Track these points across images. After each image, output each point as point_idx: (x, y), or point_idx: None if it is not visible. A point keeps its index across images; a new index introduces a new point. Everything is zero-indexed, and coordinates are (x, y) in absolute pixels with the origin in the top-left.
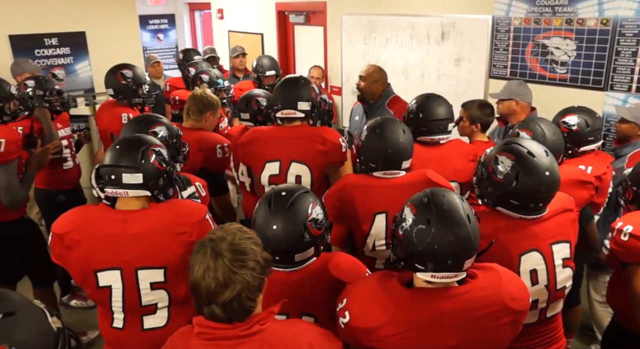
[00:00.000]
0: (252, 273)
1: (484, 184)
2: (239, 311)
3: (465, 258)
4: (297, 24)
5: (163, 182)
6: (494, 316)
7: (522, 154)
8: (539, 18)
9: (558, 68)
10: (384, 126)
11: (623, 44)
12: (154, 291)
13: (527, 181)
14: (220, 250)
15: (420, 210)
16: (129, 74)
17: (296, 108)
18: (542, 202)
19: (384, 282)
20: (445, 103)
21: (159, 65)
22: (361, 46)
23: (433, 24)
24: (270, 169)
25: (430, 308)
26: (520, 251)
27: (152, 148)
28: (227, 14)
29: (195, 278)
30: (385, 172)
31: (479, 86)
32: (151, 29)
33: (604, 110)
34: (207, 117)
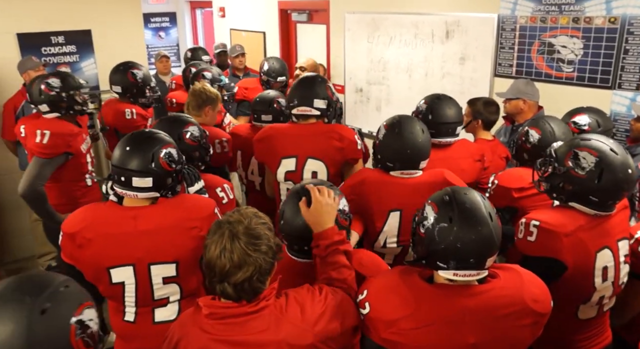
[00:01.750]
0: (265, 257)
1: (557, 179)
2: (249, 292)
3: (487, 256)
4: (299, 22)
5: (172, 181)
6: (515, 316)
7: (606, 151)
8: (545, 16)
9: (565, 67)
10: (403, 125)
11: (632, 43)
12: (167, 285)
13: (611, 178)
14: (237, 232)
15: (442, 208)
16: (139, 74)
17: (312, 105)
18: (619, 200)
19: (405, 276)
20: (455, 105)
21: (168, 61)
22: (364, 45)
23: (437, 23)
24: (287, 166)
25: (452, 304)
26: (597, 249)
27: (163, 149)
28: (229, 12)
29: (211, 257)
30: (403, 172)
31: (484, 85)
32: (153, 27)
33: (612, 108)
34: (207, 112)
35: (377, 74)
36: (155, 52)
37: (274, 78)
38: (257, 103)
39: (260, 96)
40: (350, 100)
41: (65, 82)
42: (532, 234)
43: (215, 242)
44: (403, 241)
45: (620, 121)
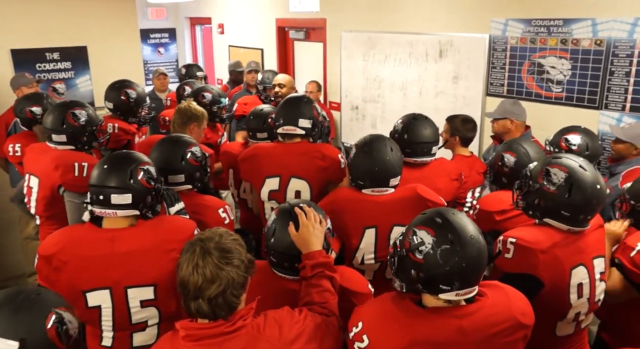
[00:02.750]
0: (237, 271)
1: (532, 196)
2: (224, 307)
3: (483, 271)
4: (296, 39)
5: (151, 200)
6: (507, 332)
7: (574, 167)
8: (535, 38)
9: (554, 87)
10: (371, 144)
11: (617, 64)
12: (145, 308)
13: (580, 193)
14: (208, 248)
15: (438, 231)
16: (132, 94)
17: (297, 125)
18: (590, 215)
19: (397, 302)
20: (431, 126)
21: (165, 79)
22: (360, 63)
23: (431, 42)
24: (270, 185)
25: (448, 327)
26: (572, 265)
27: (141, 167)
28: (228, 29)
29: (184, 275)
30: (373, 190)
31: (476, 103)
32: (152, 43)
33: (599, 128)
34: (192, 129)
35: (372, 91)
36: (154, 68)
37: (268, 84)
38: (251, 120)
39: (253, 113)
40: (346, 117)
41: (91, 116)
42: (510, 251)
43: (187, 260)
44: (380, 257)
45: (607, 140)
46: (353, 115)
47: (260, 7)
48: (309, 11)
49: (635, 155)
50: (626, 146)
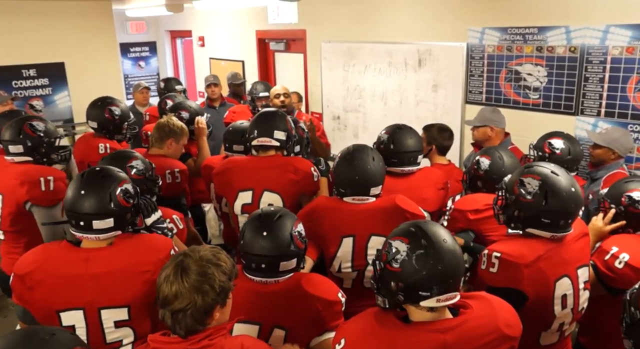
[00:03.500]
0: (204, 296)
1: (510, 209)
2: (182, 325)
3: (461, 275)
4: (277, 51)
5: (131, 216)
6: (493, 344)
7: (547, 174)
8: (511, 45)
9: (531, 93)
10: (354, 153)
11: (591, 71)
12: (119, 328)
13: (556, 198)
14: (185, 266)
15: (412, 238)
16: (116, 111)
17: (272, 136)
18: (570, 218)
19: (380, 318)
20: (415, 135)
21: (148, 92)
22: (340, 73)
23: (410, 51)
24: (243, 199)
25: (431, 342)
26: (555, 277)
27: (119, 187)
28: (208, 41)
29: (159, 282)
30: (354, 198)
31: (456, 111)
32: (132, 57)
33: (576, 133)
34: (169, 145)
35: (353, 101)
36: (135, 81)
37: (256, 94)
38: (229, 132)
39: (232, 125)
40: (328, 127)
41: (49, 129)
42: (494, 266)
43: (166, 268)
44: (358, 265)
45: (584, 146)
46: (335, 125)
47: (240, 19)
48: (288, 23)
49: (613, 159)
50: (604, 150)
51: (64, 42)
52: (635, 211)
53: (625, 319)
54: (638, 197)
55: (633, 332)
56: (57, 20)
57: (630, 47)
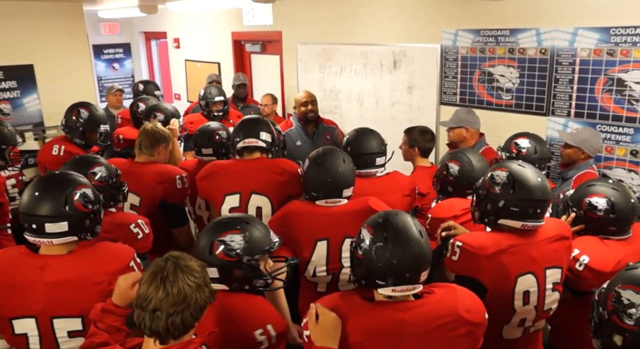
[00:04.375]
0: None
1: (483, 203)
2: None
3: (421, 271)
4: (253, 53)
5: (90, 223)
6: (450, 326)
7: (514, 166)
8: (484, 47)
9: (503, 94)
10: (324, 156)
11: (561, 72)
12: (73, 338)
13: (523, 186)
14: (180, 265)
15: (376, 229)
16: (84, 114)
17: (258, 137)
18: (539, 208)
19: (345, 296)
20: (375, 138)
21: (121, 95)
22: (317, 75)
23: (385, 53)
24: (230, 202)
25: (389, 318)
26: (518, 273)
27: (76, 190)
28: (184, 43)
29: (147, 288)
30: (327, 201)
31: (431, 112)
32: (106, 59)
33: (547, 134)
34: (160, 151)
35: (329, 103)
36: (109, 84)
37: (210, 100)
38: (197, 136)
39: (200, 128)
40: None
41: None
42: (456, 254)
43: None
44: (332, 269)
45: (555, 146)
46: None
47: (215, 20)
48: (263, 24)
49: (583, 159)
50: (574, 150)
51: (33, 44)
52: (594, 216)
53: (593, 319)
54: (597, 203)
55: (601, 332)
56: (25, 21)
57: (597, 49)
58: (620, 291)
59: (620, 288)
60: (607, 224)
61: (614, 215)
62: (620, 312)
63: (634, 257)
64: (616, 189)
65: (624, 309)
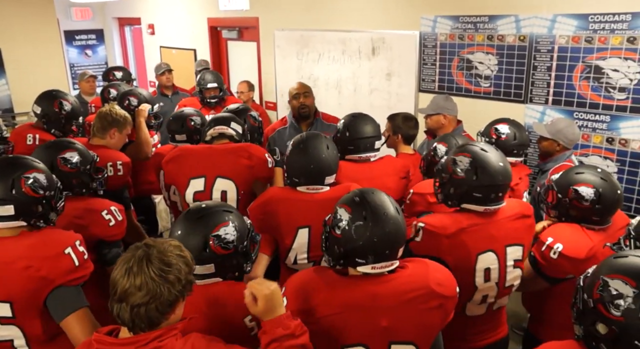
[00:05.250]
0: (170, 288)
1: (446, 187)
2: (144, 319)
3: (399, 247)
4: (230, 39)
5: (42, 209)
6: (421, 299)
7: (476, 151)
8: (463, 34)
9: (482, 82)
10: (307, 142)
11: (539, 59)
12: (4, 326)
13: (486, 173)
14: (149, 256)
15: (354, 208)
16: (67, 106)
17: (229, 126)
18: (501, 192)
19: (320, 271)
20: (371, 121)
21: (94, 81)
22: (294, 61)
23: (364, 40)
24: (195, 186)
25: (363, 291)
26: (479, 251)
27: (26, 175)
28: (158, 29)
29: (115, 275)
30: (308, 187)
31: (410, 100)
32: (78, 45)
33: (526, 121)
34: (112, 134)
35: None
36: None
37: (204, 86)
38: (171, 122)
39: (173, 114)
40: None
41: None
42: (419, 235)
43: (124, 261)
44: (314, 256)
45: (533, 133)
46: None
47: (190, 5)
48: (239, 9)
49: (559, 151)
50: (550, 142)
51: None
52: (578, 205)
53: (576, 305)
54: (583, 193)
55: (584, 319)
56: None
57: (575, 37)
58: (607, 280)
59: (608, 276)
60: (591, 214)
61: (600, 206)
62: (607, 302)
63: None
64: (604, 179)
65: (611, 300)
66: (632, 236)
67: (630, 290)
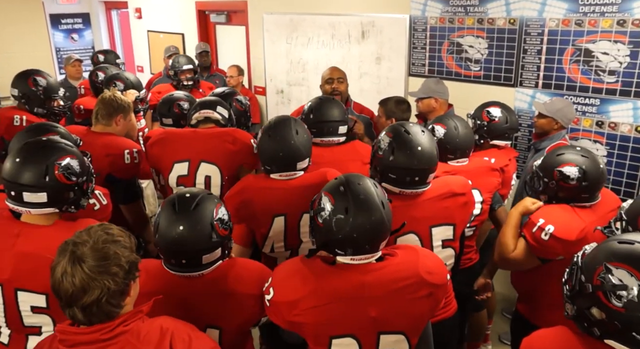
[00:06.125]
0: (115, 278)
1: (372, 163)
2: (100, 315)
3: (381, 241)
4: (218, 23)
5: (73, 195)
6: (411, 288)
7: (399, 132)
8: (453, 17)
9: (472, 65)
10: (275, 128)
11: (529, 43)
12: (36, 314)
13: (401, 155)
14: (81, 255)
15: (338, 200)
16: (42, 82)
17: (215, 110)
18: (417, 176)
19: (307, 261)
20: (338, 106)
21: (80, 65)
22: (283, 46)
23: (353, 23)
24: (178, 170)
25: (351, 281)
26: (396, 235)
27: (59, 162)
28: (146, 13)
29: (54, 281)
30: (281, 174)
31: (400, 84)
32: (64, 29)
33: (515, 105)
34: (118, 121)
35: (297, 75)
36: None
37: (179, 68)
38: (159, 105)
39: (163, 97)
40: (271, 101)
41: None
42: None
43: (58, 265)
44: (291, 244)
45: (523, 117)
46: (279, 99)
47: None
48: None
49: (556, 130)
50: (548, 120)
51: None
52: (566, 185)
53: (571, 283)
54: (568, 173)
55: (579, 301)
56: None
57: (566, 19)
58: (611, 267)
59: (612, 264)
60: (580, 192)
61: (586, 182)
62: (609, 291)
63: (598, 223)
64: (585, 156)
65: (614, 289)
66: (624, 219)
67: (636, 282)
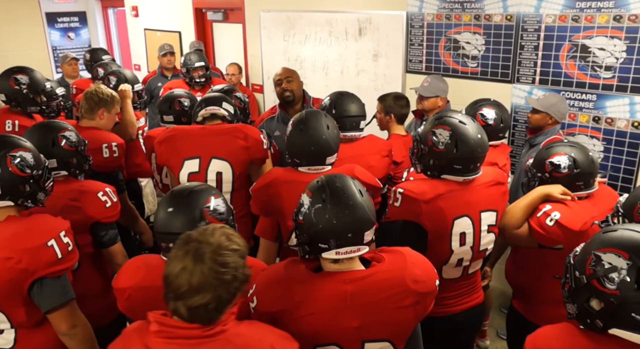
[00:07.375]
0: (228, 287)
1: (426, 158)
2: (204, 318)
3: (364, 230)
4: (215, 21)
5: (30, 188)
6: (395, 298)
7: (456, 124)
8: (450, 14)
9: (469, 62)
10: (307, 122)
11: (526, 39)
12: None
13: (465, 146)
14: (203, 254)
15: (315, 192)
16: (23, 79)
17: (221, 106)
18: (479, 162)
19: (290, 267)
20: (357, 101)
21: (76, 64)
22: (281, 43)
23: (350, 20)
24: (189, 167)
25: (333, 291)
26: (454, 216)
27: (12, 153)
28: (142, 11)
29: (170, 273)
30: (309, 168)
31: (397, 81)
32: (61, 28)
33: (512, 101)
34: (101, 115)
35: None
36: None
37: (191, 66)
38: (160, 103)
39: (164, 95)
40: (269, 99)
41: None
42: (398, 200)
43: (178, 259)
44: None
45: (520, 113)
46: (276, 97)
47: None
48: None
49: (551, 125)
50: (542, 116)
51: None
52: (559, 175)
53: (568, 283)
54: (559, 162)
55: (578, 296)
56: None
57: (562, 15)
58: (600, 254)
59: (599, 251)
60: (573, 180)
61: (578, 169)
62: (601, 276)
63: (599, 218)
64: (573, 145)
65: (605, 273)
66: (621, 214)
67: (624, 262)
